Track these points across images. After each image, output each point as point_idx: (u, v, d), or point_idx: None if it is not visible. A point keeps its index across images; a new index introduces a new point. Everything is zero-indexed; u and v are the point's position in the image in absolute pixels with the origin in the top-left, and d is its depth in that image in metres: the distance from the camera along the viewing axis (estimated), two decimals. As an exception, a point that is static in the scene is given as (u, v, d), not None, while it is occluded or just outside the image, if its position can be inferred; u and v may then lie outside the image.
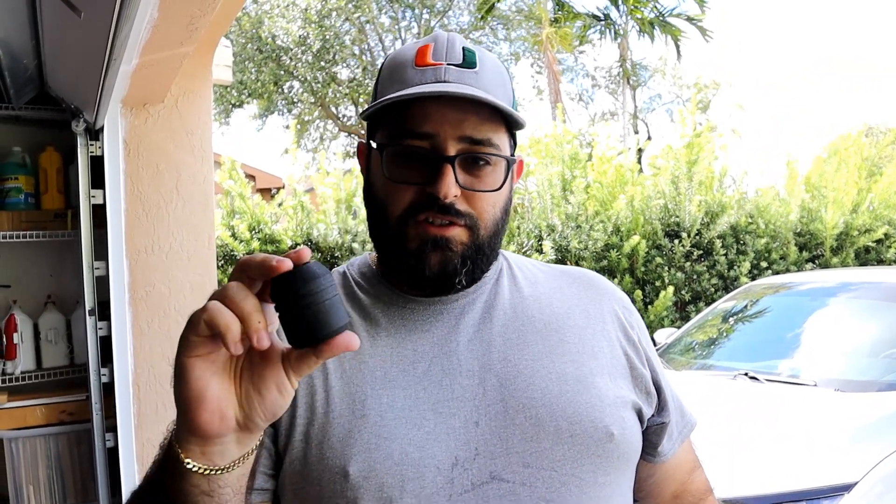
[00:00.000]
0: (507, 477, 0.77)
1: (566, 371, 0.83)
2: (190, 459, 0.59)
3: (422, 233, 0.79)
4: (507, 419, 0.79)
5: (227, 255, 4.68)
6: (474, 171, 0.80)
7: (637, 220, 5.44)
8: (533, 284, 0.90)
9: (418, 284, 0.82)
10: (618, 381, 0.86)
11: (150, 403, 2.44)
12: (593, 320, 0.89)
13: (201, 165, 2.54)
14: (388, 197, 0.81)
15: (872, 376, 2.86)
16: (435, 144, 0.78)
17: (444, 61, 0.80)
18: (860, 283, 3.61)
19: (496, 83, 0.82)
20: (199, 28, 1.72)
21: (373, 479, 0.75)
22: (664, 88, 27.00)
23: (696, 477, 1.00)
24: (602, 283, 0.95)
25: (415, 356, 0.82)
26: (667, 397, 0.92)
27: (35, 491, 2.44)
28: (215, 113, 16.62)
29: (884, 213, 6.32)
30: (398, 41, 18.05)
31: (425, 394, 0.79)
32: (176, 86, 2.42)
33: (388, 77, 0.83)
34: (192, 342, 0.56)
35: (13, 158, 2.55)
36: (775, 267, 5.68)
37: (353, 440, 0.77)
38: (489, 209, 0.81)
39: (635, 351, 0.90)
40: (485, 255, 0.82)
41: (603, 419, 0.81)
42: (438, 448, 0.77)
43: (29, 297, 2.61)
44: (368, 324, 0.84)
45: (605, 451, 0.80)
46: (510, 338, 0.84)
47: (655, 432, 0.92)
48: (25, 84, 2.41)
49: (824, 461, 2.23)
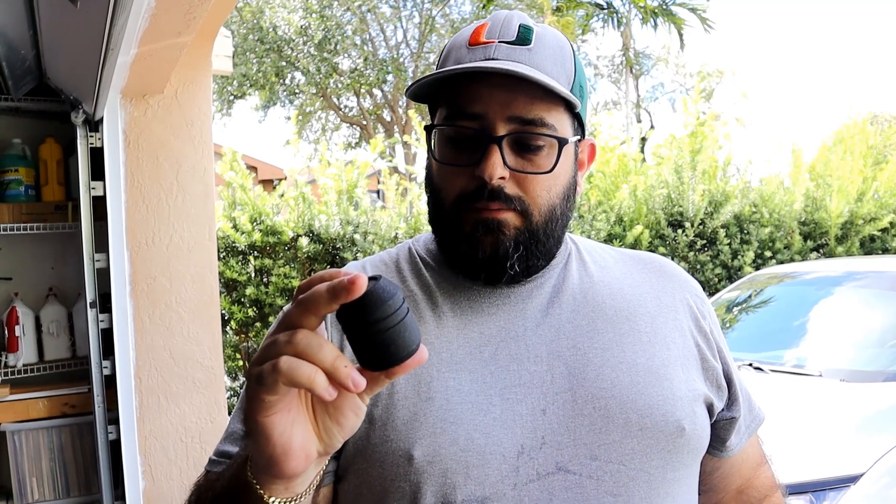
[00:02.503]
0: (573, 469, 0.75)
1: (637, 361, 0.80)
2: (274, 497, 0.57)
3: (475, 217, 0.77)
4: (576, 409, 0.76)
5: (229, 247, 4.67)
6: (525, 153, 0.77)
7: (640, 210, 5.42)
8: (603, 269, 0.87)
9: (472, 271, 0.80)
10: (690, 374, 0.83)
11: (152, 395, 2.44)
12: (665, 308, 0.86)
13: (202, 157, 2.52)
14: (443, 181, 0.80)
15: (878, 366, 2.84)
16: (484, 125, 0.76)
17: (496, 39, 0.77)
18: (865, 272, 3.58)
19: (552, 60, 0.78)
20: (198, 17, 1.71)
21: (437, 464, 0.73)
22: (667, 77, 26.92)
23: (762, 473, 0.98)
24: (674, 269, 0.92)
25: (481, 339, 0.79)
26: (737, 391, 0.89)
27: (38, 483, 2.44)
28: (216, 104, 16.61)
29: (889, 201, 6.28)
30: (400, 31, 18.00)
31: (492, 378, 0.77)
32: (175, 76, 2.40)
33: (445, 57, 0.82)
34: (268, 402, 0.53)
35: (13, 150, 2.54)
36: (779, 256, 5.65)
37: (418, 423, 0.75)
38: (543, 193, 0.78)
39: (707, 342, 0.87)
40: (540, 243, 0.79)
41: (674, 413, 0.78)
42: (505, 435, 0.75)
43: (30, 289, 2.60)
44: (434, 304, 0.82)
45: (676, 446, 0.78)
46: (580, 324, 0.81)
47: (724, 427, 0.89)
48: (24, 75, 2.39)
49: (830, 452, 2.22)
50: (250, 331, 4.81)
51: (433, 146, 0.80)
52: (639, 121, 17.29)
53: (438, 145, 0.80)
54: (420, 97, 0.82)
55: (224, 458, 0.79)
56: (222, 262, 4.53)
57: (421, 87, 0.79)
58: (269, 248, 4.73)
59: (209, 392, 2.53)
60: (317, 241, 4.71)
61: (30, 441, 2.44)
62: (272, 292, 4.66)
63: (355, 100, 18.57)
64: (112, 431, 2.41)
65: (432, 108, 0.84)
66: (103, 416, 2.40)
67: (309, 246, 4.64)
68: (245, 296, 4.65)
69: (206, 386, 2.52)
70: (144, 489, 2.42)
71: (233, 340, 4.77)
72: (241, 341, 4.85)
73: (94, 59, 1.86)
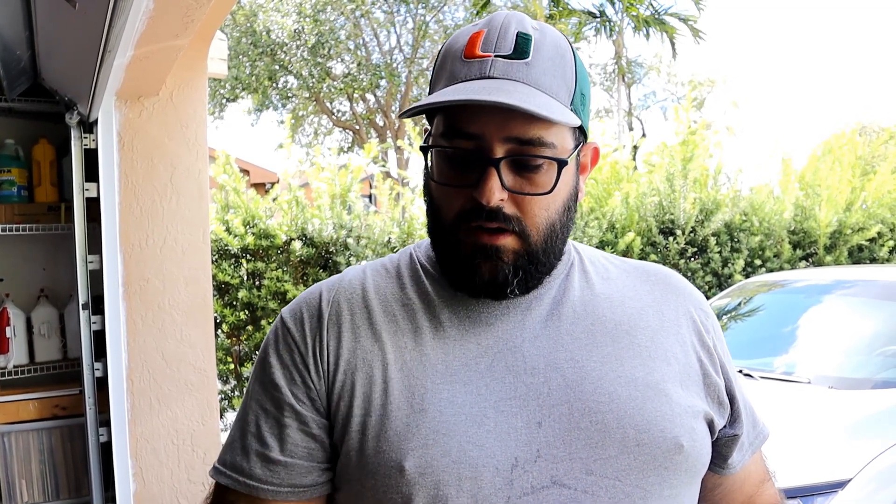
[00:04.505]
0: (568, 483, 0.74)
1: (636, 376, 0.78)
2: None
3: (474, 240, 0.76)
4: (572, 422, 0.75)
5: (221, 250, 4.66)
6: (523, 174, 0.75)
7: (632, 218, 5.45)
8: (605, 281, 0.86)
9: (471, 291, 0.79)
10: (690, 390, 0.81)
11: (144, 398, 2.43)
12: (668, 322, 0.84)
13: (196, 159, 2.52)
14: (441, 199, 0.78)
15: (866, 374, 2.87)
16: (480, 146, 0.74)
17: (492, 52, 0.75)
18: (854, 280, 3.62)
19: (551, 73, 0.75)
20: (195, 20, 1.71)
21: (429, 475, 0.73)
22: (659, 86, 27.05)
23: (766, 490, 0.96)
24: (678, 281, 0.90)
25: (478, 350, 0.78)
26: (739, 408, 0.88)
27: (28, 485, 2.43)
28: (209, 107, 16.55)
29: (877, 211, 6.34)
30: (393, 36, 18.03)
31: (487, 390, 0.76)
32: (171, 78, 2.41)
33: (440, 67, 0.80)
34: None
35: (6, 151, 2.53)
36: (769, 265, 5.69)
37: (410, 435, 0.74)
38: (541, 213, 0.76)
39: (710, 358, 0.85)
40: (539, 263, 0.78)
41: (673, 429, 0.77)
42: (498, 447, 0.74)
43: (22, 290, 2.59)
44: (432, 315, 0.81)
45: (673, 463, 0.77)
46: (578, 337, 0.80)
47: (726, 444, 0.87)
48: (18, 76, 2.39)
49: (818, 458, 2.24)
50: (242, 334, 4.80)
51: (430, 164, 0.79)
52: (631, 129, 17.37)
53: (436, 163, 0.78)
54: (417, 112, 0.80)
55: (234, 471, 0.80)
56: (215, 265, 4.52)
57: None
58: (262, 251, 4.72)
59: (201, 395, 2.52)
60: (310, 244, 4.71)
61: (20, 443, 2.43)
62: (264, 296, 4.65)
63: (348, 104, 18.57)
64: (103, 433, 2.40)
65: (430, 118, 0.82)
66: (94, 418, 2.39)
67: (302, 249, 4.64)
68: (237, 299, 4.64)
69: (198, 388, 2.52)
70: (135, 492, 2.41)
71: (225, 343, 4.76)
72: (233, 344, 4.83)
73: (90, 60, 1.87)
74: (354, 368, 0.78)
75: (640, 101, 22.00)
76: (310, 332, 0.80)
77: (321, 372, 0.79)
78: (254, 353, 4.82)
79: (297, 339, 0.81)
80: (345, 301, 0.82)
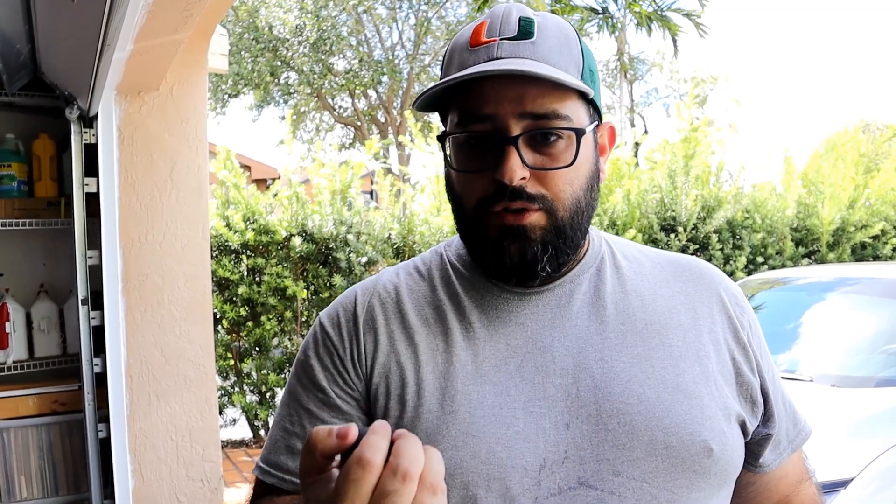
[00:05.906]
0: (595, 484, 0.74)
1: (666, 377, 0.77)
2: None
3: (499, 223, 0.75)
4: (600, 424, 0.75)
5: (221, 245, 4.65)
6: (542, 149, 0.75)
7: (633, 214, 5.43)
8: (637, 276, 0.85)
9: (502, 275, 0.79)
10: (722, 391, 0.80)
11: (143, 393, 2.43)
12: (701, 320, 0.83)
13: (196, 154, 2.51)
14: (462, 188, 0.78)
15: (869, 372, 2.86)
16: (496, 126, 0.74)
17: (497, 37, 0.75)
18: (857, 278, 3.60)
19: (558, 50, 0.76)
20: (195, 14, 1.70)
21: (458, 476, 0.73)
22: (661, 82, 27.01)
23: (803, 490, 0.93)
24: (713, 275, 0.88)
25: (507, 350, 0.79)
26: (774, 407, 0.86)
27: (26, 481, 2.42)
28: (210, 103, 16.56)
29: (880, 209, 6.32)
30: (395, 32, 18.00)
31: (517, 391, 0.77)
32: (171, 73, 2.40)
33: (448, 61, 0.80)
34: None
35: (6, 145, 2.52)
36: (771, 262, 5.68)
37: (440, 436, 0.75)
38: (566, 188, 0.75)
39: (744, 355, 0.83)
40: (568, 238, 0.77)
41: (702, 432, 0.76)
42: (527, 449, 0.74)
43: (21, 285, 2.59)
44: (461, 315, 0.81)
45: (702, 467, 0.76)
46: (608, 336, 0.79)
47: (758, 443, 0.86)
48: (18, 70, 2.38)
49: (820, 457, 2.22)
50: (242, 330, 4.80)
51: (448, 154, 0.79)
52: (633, 125, 17.35)
53: (454, 153, 0.78)
54: (428, 107, 0.80)
55: (281, 471, 0.81)
56: (215, 261, 4.52)
57: (428, 98, 0.77)
58: (262, 247, 4.72)
59: (200, 391, 2.52)
60: (310, 240, 4.70)
61: (19, 438, 2.43)
62: (264, 291, 4.64)
63: (350, 100, 18.55)
64: (102, 429, 2.40)
65: (443, 116, 0.82)
66: (93, 414, 2.39)
67: (302, 245, 4.64)
68: (237, 295, 4.64)
69: (197, 384, 2.51)
70: (134, 488, 2.41)
71: (224, 339, 4.76)
72: (233, 340, 4.83)
73: (90, 54, 1.86)
74: (388, 371, 0.80)
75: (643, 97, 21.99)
76: (347, 335, 0.83)
77: (360, 374, 0.81)
78: (254, 348, 4.81)
79: (335, 343, 0.83)
80: (378, 304, 0.84)
